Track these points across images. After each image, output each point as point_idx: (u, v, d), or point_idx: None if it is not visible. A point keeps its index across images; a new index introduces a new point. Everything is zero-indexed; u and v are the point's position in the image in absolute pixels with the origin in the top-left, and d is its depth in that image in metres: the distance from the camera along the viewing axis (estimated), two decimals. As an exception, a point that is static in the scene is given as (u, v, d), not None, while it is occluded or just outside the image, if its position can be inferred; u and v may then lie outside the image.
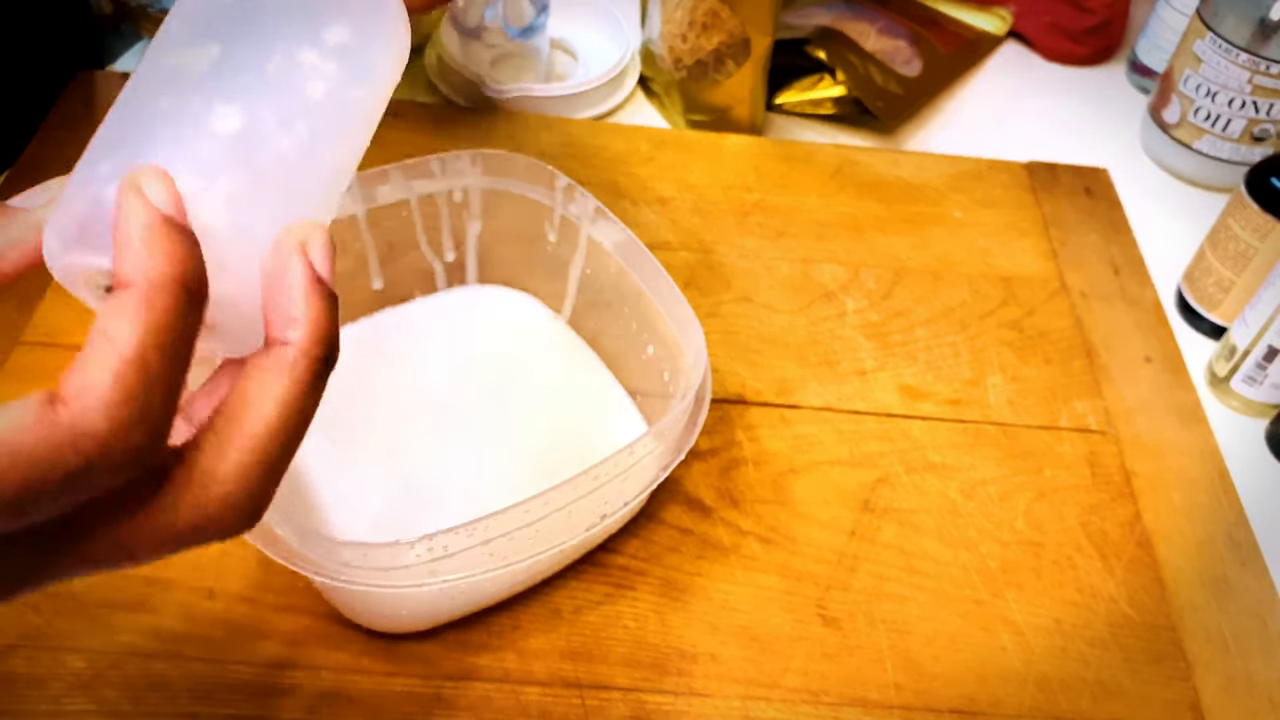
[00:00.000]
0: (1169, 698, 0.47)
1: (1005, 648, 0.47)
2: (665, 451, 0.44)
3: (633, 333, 0.51)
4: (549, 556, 0.42)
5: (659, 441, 0.43)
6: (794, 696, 0.45)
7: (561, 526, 0.41)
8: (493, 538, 0.39)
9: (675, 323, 0.47)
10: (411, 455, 0.50)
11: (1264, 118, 0.68)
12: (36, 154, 0.63)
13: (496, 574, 0.40)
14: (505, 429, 0.51)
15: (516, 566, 0.40)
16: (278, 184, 0.25)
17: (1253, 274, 0.59)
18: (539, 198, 0.52)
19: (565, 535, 0.41)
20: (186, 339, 0.23)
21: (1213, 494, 0.54)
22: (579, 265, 0.53)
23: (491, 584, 0.44)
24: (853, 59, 0.73)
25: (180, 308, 0.23)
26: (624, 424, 0.51)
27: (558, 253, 0.53)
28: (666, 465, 0.43)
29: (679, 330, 0.46)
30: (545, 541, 0.41)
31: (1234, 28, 0.65)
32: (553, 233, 0.53)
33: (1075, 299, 0.63)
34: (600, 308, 0.53)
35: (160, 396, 0.22)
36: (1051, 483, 0.54)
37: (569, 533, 0.42)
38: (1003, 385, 0.58)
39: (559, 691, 0.44)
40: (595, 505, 0.42)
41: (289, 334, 0.24)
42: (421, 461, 0.49)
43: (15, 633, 0.44)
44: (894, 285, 0.62)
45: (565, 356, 0.54)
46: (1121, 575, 0.50)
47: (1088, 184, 0.70)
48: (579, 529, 0.42)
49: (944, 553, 0.50)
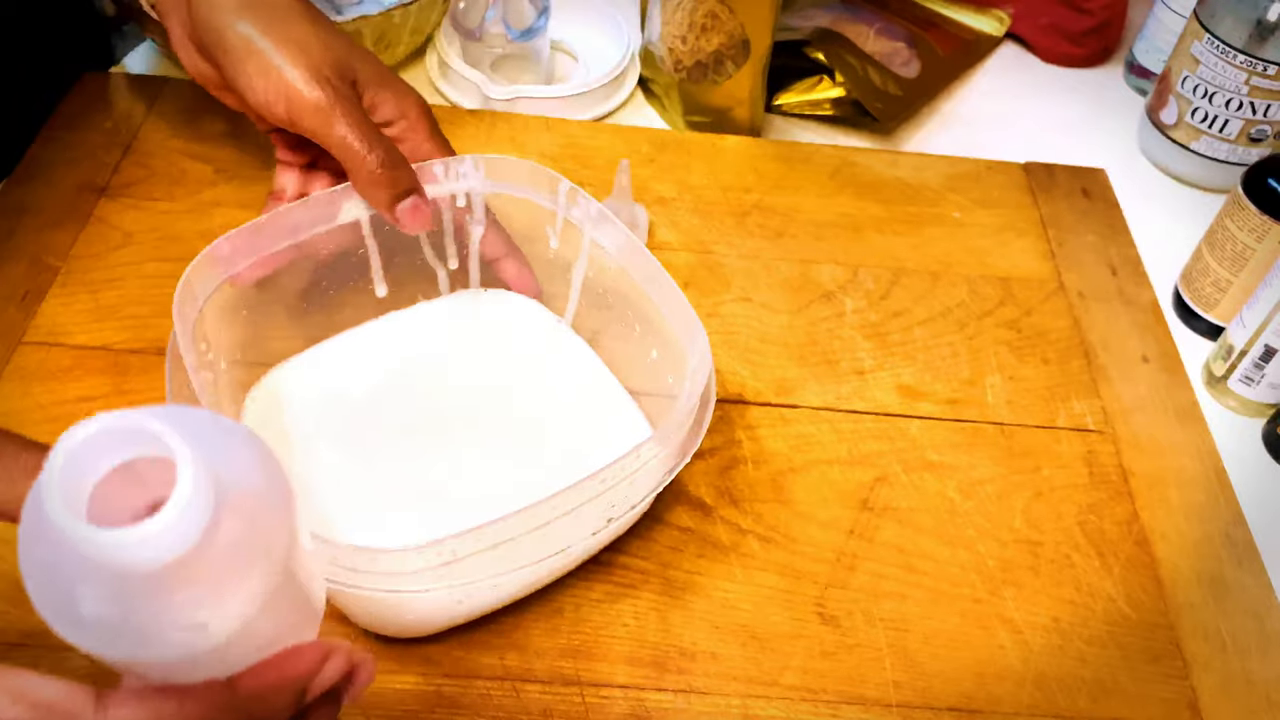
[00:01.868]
0: (1167, 696, 0.47)
1: (1003, 646, 0.48)
2: (671, 455, 0.44)
3: (636, 335, 0.51)
4: (555, 560, 0.42)
5: (665, 445, 0.43)
6: (793, 694, 0.45)
7: (569, 530, 0.41)
8: (501, 542, 0.39)
9: (679, 325, 0.47)
10: (417, 460, 0.50)
11: (1261, 119, 0.68)
12: (39, 155, 0.63)
13: (504, 579, 0.40)
14: (510, 433, 0.51)
15: (524, 571, 0.40)
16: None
17: (1250, 274, 0.59)
18: (542, 202, 0.52)
19: (572, 539, 0.41)
20: None
21: (1210, 493, 0.54)
22: (582, 268, 0.53)
23: (498, 589, 0.44)
24: (851, 60, 0.73)
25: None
26: (629, 427, 0.51)
27: (560, 256, 0.53)
28: (672, 468, 0.44)
29: (683, 333, 0.46)
30: (552, 545, 0.41)
31: (1231, 29, 0.66)
32: (555, 237, 0.53)
33: (1073, 299, 0.63)
34: (603, 310, 0.53)
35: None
36: (1049, 482, 0.54)
37: (576, 536, 0.42)
38: (1001, 385, 0.58)
39: (559, 689, 0.44)
40: (602, 509, 0.42)
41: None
42: (427, 466, 0.49)
43: (19, 632, 0.44)
44: (892, 285, 0.62)
45: (569, 360, 0.54)
46: (1119, 574, 0.51)
47: (1085, 185, 0.70)
48: (586, 532, 0.42)
49: (942, 552, 0.51)
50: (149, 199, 0.62)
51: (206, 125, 0.66)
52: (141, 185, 0.62)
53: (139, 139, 0.65)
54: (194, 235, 0.60)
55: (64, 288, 0.57)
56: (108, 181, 0.62)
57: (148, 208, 0.61)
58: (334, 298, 0.53)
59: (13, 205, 0.60)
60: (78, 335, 0.55)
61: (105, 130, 0.65)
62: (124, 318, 0.56)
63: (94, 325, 0.55)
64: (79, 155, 0.64)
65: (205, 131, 0.66)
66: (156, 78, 0.70)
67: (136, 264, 0.58)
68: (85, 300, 0.56)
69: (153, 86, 0.69)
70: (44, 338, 0.54)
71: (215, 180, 0.63)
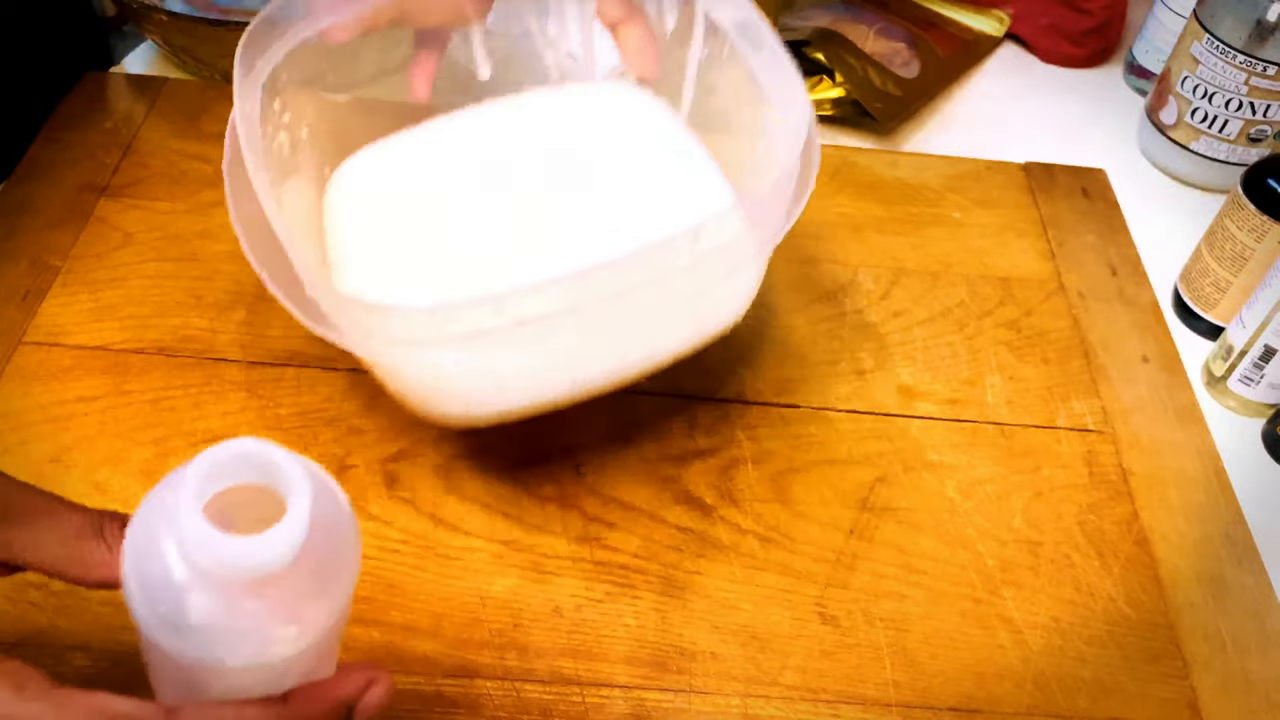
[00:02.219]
0: (1166, 696, 0.47)
1: (1003, 646, 0.48)
2: (762, 224, 0.39)
3: (745, 124, 0.47)
4: (633, 344, 0.37)
5: (752, 210, 0.38)
6: (793, 694, 0.45)
7: (653, 307, 0.37)
8: (575, 302, 0.35)
9: (779, 92, 0.42)
10: (508, 255, 0.45)
11: (1260, 119, 0.68)
12: (40, 155, 0.63)
13: (575, 349, 0.36)
14: (610, 228, 0.47)
15: (598, 344, 0.36)
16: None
17: (1249, 274, 0.59)
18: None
19: (648, 322, 0.37)
20: None
21: (1210, 493, 0.54)
22: (696, 52, 0.48)
23: (562, 374, 0.40)
24: (851, 61, 0.73)
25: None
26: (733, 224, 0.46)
27: (674, 45, 0.48)
28: (764, 240, 0.38)
29: (782, 101, 0.42)
30: (638, 316, 0.37)
31: (1231, 29, 0.66)
32: (671, 14, 0.48)
33: (1073, 299, 0.63)
34: (716, 100, 0.49)
35: None
36: (1049, 482, 0.54)
37: (651, 318, 0.37)
38: (1001, 385, 0.58)
39: (559, 689, 0.44)
40: (687, 284, 0.37)
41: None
42: (517, 260, 0.45)
43: (18, 632, 0.44)
44: (892, 285, 0.62)
45: (677, 154, 0.50)
46: (1119, 574, 0.51)
47: (1085, 185, 0.70)
48: (674, 307, 0.37)
49: (942, 551, 0.51)
50: (149, 199, 0.62)
51: (206, 125, 0.66)
52: (142, 185, 0.62)
53: (139, 139, 0.65)
54: (194, 235, 0.60)
55: (64, 288, 0.57)
56: (108, 181, 0.62)
57: (148, 208, 0.61)
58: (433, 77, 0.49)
59: (13, 205, 0.60)
60: (78, 335, 0.55)
61: (105, 130, 0.65)
62: (124, 318, 0.56)
63: (94, 325, 0.55)
64: (79, 155, 0.64)
65: (205, 131, 0.66)
66: (156, 78, 0.70)
67: (137, 264, 0.58)
68: (85, 300, 0.56)
69: (153, 86, 0.69)
70: (44, 338, 0.54)
71: (215, 180, 0.63)
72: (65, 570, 0.32)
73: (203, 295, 0.57)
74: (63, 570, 0.32)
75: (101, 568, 0.32)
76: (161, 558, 0.29)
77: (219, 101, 0.68)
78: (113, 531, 0.33)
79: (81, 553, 0.32)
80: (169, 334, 0.55)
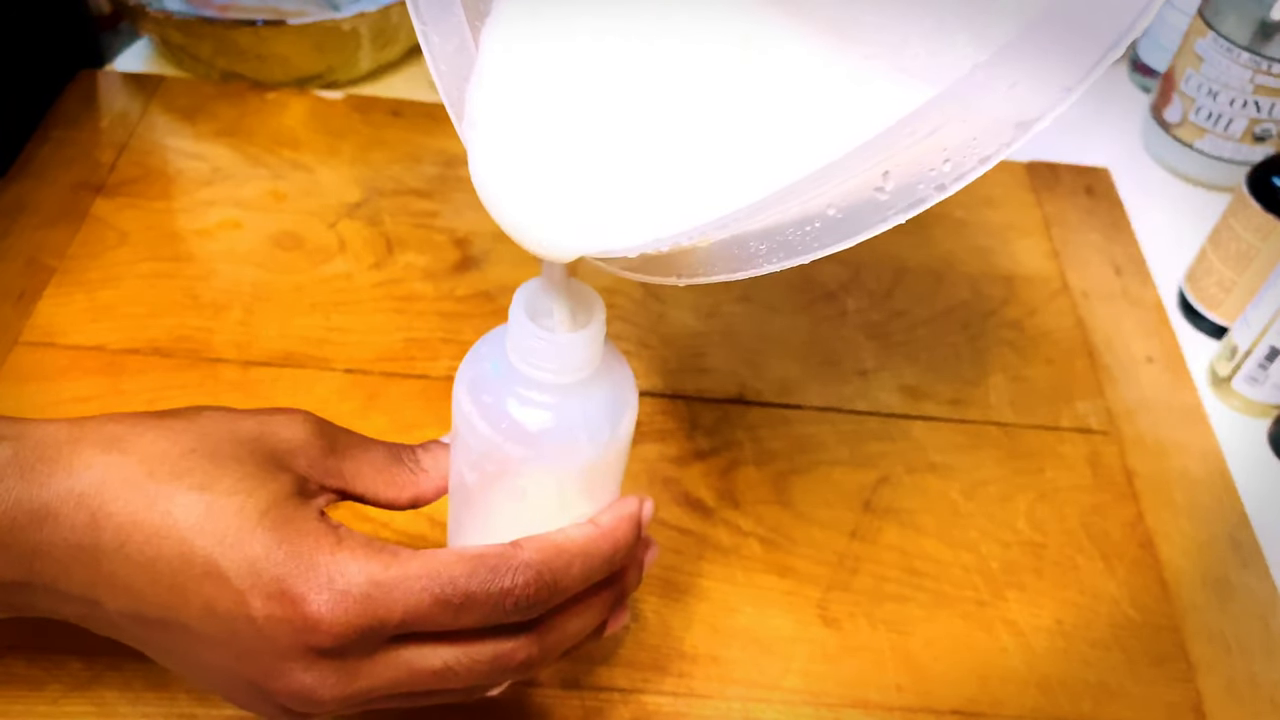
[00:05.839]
0: (1171, 699, 0.46)
1: (1006, 649, 0.47)
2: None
3: None
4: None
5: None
6: (795, 698, 0.45)
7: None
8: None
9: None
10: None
11: (1266, 117, 0.68)
12: (35, 154, 0.63)
13: None
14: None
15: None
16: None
17: (1254, 274, 0.59)
18: None
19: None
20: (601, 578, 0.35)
21: (1215, 495, 0.54)
22: None
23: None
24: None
25: (604, 571, 0.35)
26: None
27: None
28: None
29: None
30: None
31: (1235, 27, 0.65)
32: None
33: (1077, 299, 0.62)
34: None
35: (570, 585, 0.33)
36: (1053, 483, 0.53)
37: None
38: (1004, 385, 0.58)
39: (559, 693, 0.44)
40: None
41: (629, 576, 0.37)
42: None
43: (14, 634, 0.43)
44: (895, 285, 0.62)
45: None
46: (1123, 576, 0.50)
47: (1089, 183, 0.70)
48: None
49: (945, 553, 0.50)
50: (145, 198, 0.61)
51: (202, 124, 0.66)
52: (137, 184, 0.62)
53: (135, 137, 0.65)
54: (190, 234, 0.60)
55: (60, 287, 0.56)
56: (104, 180, 0.62)
57: (144, 207, 0.61)
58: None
59: (8, 204, 0.60)
60: (74, 335, 0.54)
61: (101, 129, 0.65)
62: (120, 317, 0.55)
63: (90, 325, 0.55)
64: (75, 154, 0.63)
65: (201, 130, 0.65)
66: (152, 76, 0.69)
67: (132, 263, 0.58)
68: (81, 300, 0.56)
69: (148, 85, 0.68)
70: (40, 338, 0.54)
71: (211, 179, 0.63)
72: (381, 494, 0.36)
73: (199, 295, 0.57)
74: (379, 494, 0.36)
75: (409, 487, 0.36)
76: (493, 375, 0.33)
77: (216, 100, 0.68)
78: (411, 456, 0.36)
79: (392, 476, 0.36)
80: (165, 334, 0.55)
